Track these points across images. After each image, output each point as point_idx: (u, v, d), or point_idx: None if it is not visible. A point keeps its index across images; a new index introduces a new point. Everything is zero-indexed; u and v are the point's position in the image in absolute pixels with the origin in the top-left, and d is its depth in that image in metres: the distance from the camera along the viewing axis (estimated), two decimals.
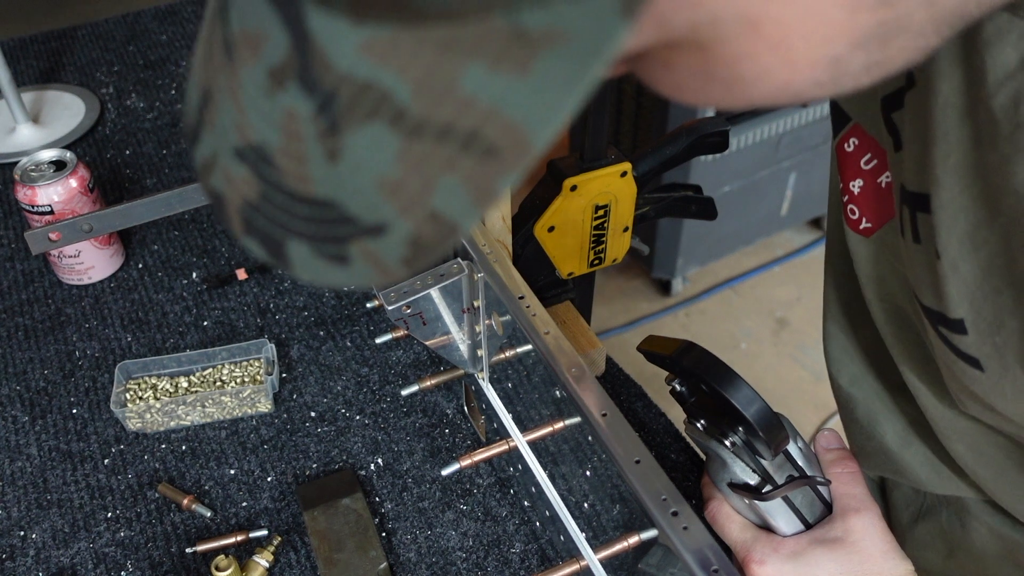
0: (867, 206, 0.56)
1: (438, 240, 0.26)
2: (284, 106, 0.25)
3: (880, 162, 0.54)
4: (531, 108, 0.23)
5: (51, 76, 1.34)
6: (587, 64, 0.22)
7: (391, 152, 0.24)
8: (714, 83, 0.29)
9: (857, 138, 0.55)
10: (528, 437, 0.67)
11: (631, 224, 0.81)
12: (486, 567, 0.71)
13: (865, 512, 0.56)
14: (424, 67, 0.23)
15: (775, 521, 0.57)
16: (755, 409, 0.53)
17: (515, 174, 0.24)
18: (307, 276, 0.28)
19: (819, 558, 0.55)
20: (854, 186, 0.56)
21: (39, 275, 0.99)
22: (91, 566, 0.71)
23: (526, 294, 0.65)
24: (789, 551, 0.56)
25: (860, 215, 0.57)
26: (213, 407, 0.81)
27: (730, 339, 2.25)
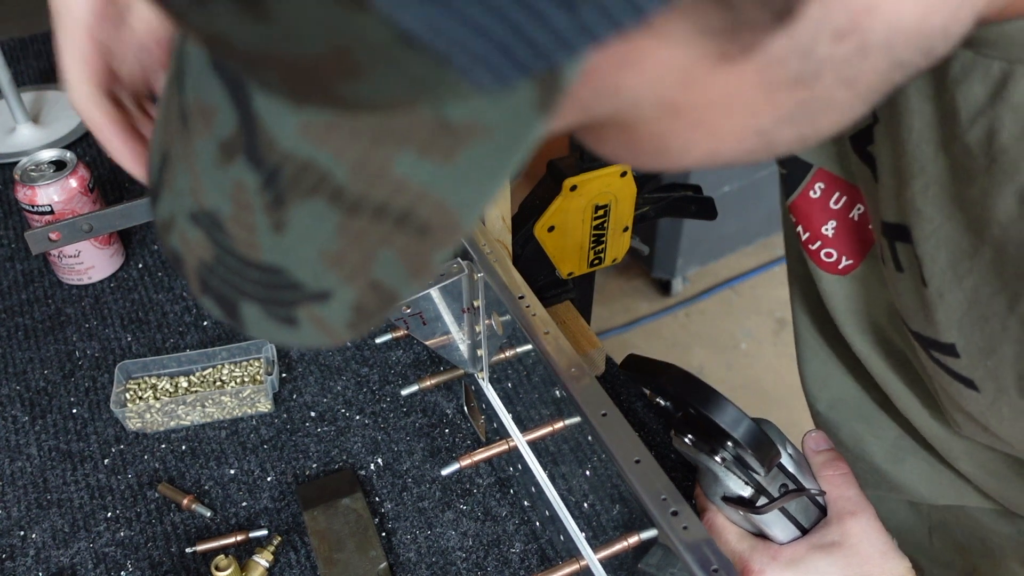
0: (844, 244, 0.56)
1: (379, 307, 0.28)
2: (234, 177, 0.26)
3: (849, 198, 0.55)
4: (458, 193, 0.24)
5: (51, 76, 1.34)
6: (507, 155, 0.23)
7: (332, 226, 0.25)
8: (643, 154, 0.30)
9: (823, 182, 0.56)
10: (528, 437, 0.67)
11: (631, 224, 0.81)
12: (486, 567, 0.71)
13: (861, 514, 0.56)
14: (359, 151, 0.24)
15: (771, 530, 0.58)
16: (743, 430, 0.53)
17: (448, 249, 0.26)
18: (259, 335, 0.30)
19: (818, 563, 0.55)
20: (827, 230, 0.57)
21: (39, 275, 0.99)
22: (91, 566, 0.71)
23: (526, 294, 0.65)
24: (787, 559, 0.56)
25: (839, 255, 0.57)
26: (213, 407, 0.81)
27: (730, 339, 2.25)
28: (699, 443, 0.57)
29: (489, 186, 0.24)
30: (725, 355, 2.20)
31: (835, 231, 0.57)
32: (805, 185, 0.57)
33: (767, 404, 2.07)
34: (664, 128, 0.28)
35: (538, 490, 0.68)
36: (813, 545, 0.56)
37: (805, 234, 0.59)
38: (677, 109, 0.27)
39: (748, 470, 0.56)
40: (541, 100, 0.22)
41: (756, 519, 0.57)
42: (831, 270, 0.59)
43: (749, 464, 0.55)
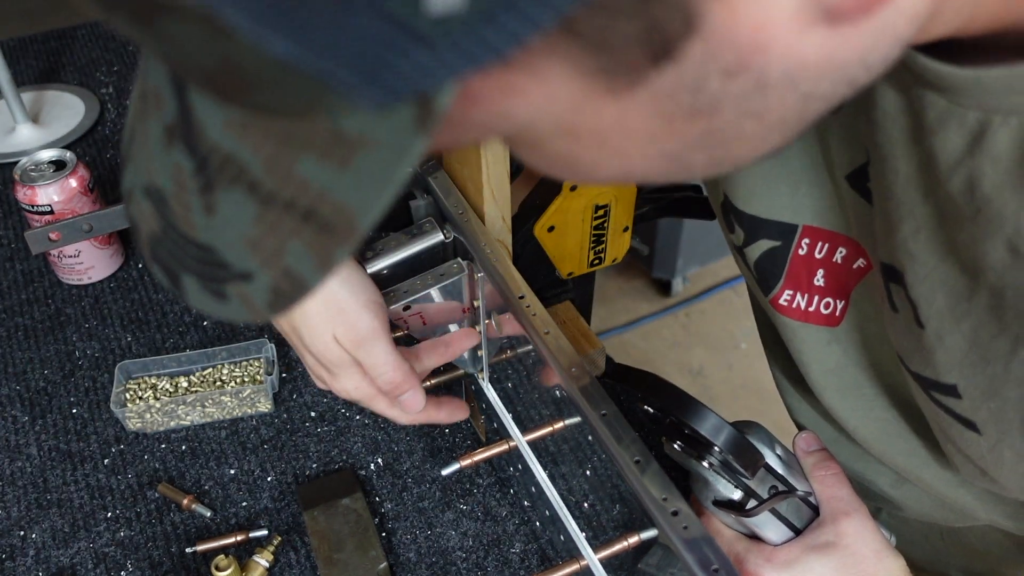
0: (834, 289, 0.56)
1: (293, 293, 0.29)
2: (174, 159, 0.29)
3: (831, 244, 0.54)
4: (354, 196, 0.26)
5: (51, 76, 1.34)
6: (395, 166, 0.25)
7: (251, 214, 0.28)
8: (555, 168, 0.31)
9: (808, 237, 0.55)
10: (528, 437, 0.67)
11: (631, 224, 0.81)
12: (486, 567, 0.71)
13: (854, 514, 0.56)
14: (270, 150, 0.26)
15: (764, 532, 0.58)
16: (724, 437, 0.53)
17: (349, 247, 0.27)
18: (198, 306, 0.32)
19: (813, 564, 0.55)
20: (818, 280, 0.56)
21: (39, 275, 0.99)
22: (91, 566, 0.71)
23: (526, 294, 0.65)
24: (782, 560, 0.56)
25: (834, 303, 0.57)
26: (213, 407, 0.81)
27: (730, 339, 2.25)
28: (687, 449, 0.58)
29: (382, 192, 0.26)
30: (725, 355, 2.20)
31: (825, 278, 0.56)
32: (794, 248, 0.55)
33: (767, 404, 2.06)
34: (567, 148, 0.29)
35: (538, 490, 0.68)
36: (807, 546, 0.56)
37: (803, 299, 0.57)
38: (575, 131, 0.28)
39: (735, 474, 0.56)
40: (420, 120, 0.24)
41: (748, 522, 0.57)
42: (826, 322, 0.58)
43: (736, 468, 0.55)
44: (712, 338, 2.25)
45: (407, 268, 0.72)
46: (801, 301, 0.58)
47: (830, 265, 0.55)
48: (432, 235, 0.72)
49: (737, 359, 2.19)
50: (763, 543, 0.58)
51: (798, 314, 0.58)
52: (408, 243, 0.72)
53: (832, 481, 0.58)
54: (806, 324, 0.58)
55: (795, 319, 0.58)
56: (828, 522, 0.56)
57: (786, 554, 0.56)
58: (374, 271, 0.71)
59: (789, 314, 0.58)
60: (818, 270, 0.56)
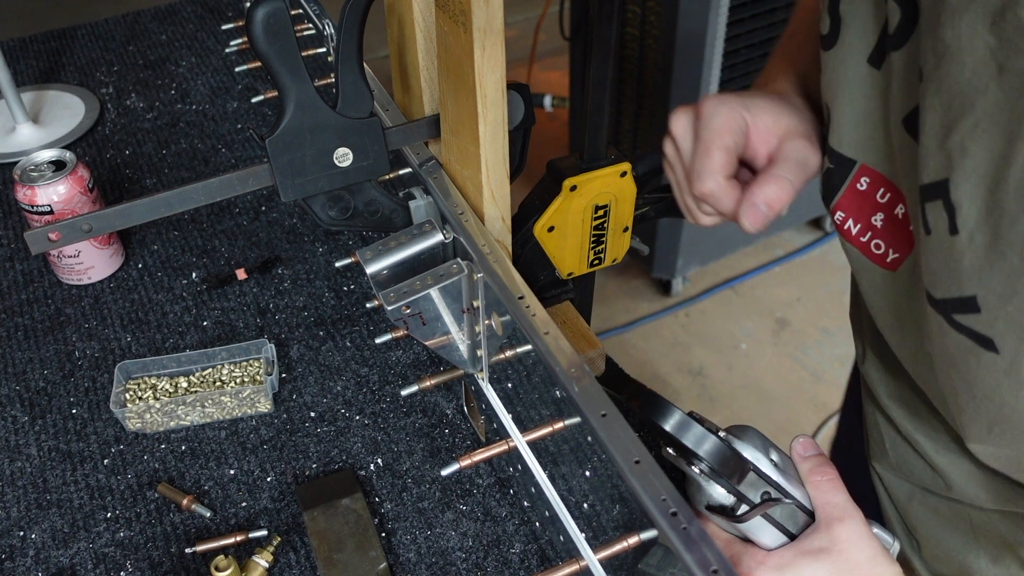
0: (891, 237, 0.58)
1: None
2: None
3: (892, 196, 0.57)
4: None
5: (51, 76, 1.34)
6: None
7: None
8: None
9: (868, 176, 0.57)
10: (528, 437, 0.67)
11: (631, 224, 0.81)
12: (486, 567, 0.71)
13: (848, 520, 0.56)
14: None
15: (758, 537, 0.58)
16: (706, 449, 0.53)
17: None
18: None
19: (806, 569, 0.55)
20: (876, 220, 0.58)
21: (39, 275, 0.99)
22: (91, 566, 0.71)
23: (526, 294, 0.65)
24: (774, 564, 0.56)
25: (886, 248, 0.59)
26: (213, 407, 0.81)
27: (730, 339, 2.25)
28: (678, 455, 0.58)
29: None
30: (725, 355, 2.20)
31: (883, 223, 0.58)
32: (851, 180, 0.59)
33: (767, 404, 2.06)
34: None
35: (538, 490, 0.68)
36: (800, 551, 0.56)
37: (856, 226, 0.60)
38: None
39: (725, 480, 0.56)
40: None
41: (740, 527, 0.57)
42: (880, 263, 0.60)
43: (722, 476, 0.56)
44: (712, 338, 2.25)
45: (407, 268, 0.72)
46: (853, 227, 0.60)
47: (891, 216, 0.57)
48: (432, 235, 0.72)
49: (737, 359, 2.19)
50: (757, 547, 0.58)
51: (852, 239, 0.61)
52: (408, 243, 0.72)
53: (828, 487, 0.58)
54: (861, 254, 0.61)
55: (850, 242, 0.61)
56: (822, 527, 0.57)
57: (779, 558, 0.56)
58: (374, 271, 0.71)
59: (844, 234, 0.62)
60: (878, 213, 0.58)
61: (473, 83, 0.63)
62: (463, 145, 0.71)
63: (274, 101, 1.22)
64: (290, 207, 1.07)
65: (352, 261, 0.93)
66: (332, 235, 1.03)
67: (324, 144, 0.71)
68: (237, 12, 1.48)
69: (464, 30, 0.61)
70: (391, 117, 0.85)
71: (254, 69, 1.30)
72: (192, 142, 1.19)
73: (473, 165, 0.70)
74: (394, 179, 0.87)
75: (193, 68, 1.35)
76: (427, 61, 0.79)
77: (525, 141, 0.79)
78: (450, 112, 0.72)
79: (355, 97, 0.71)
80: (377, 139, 0.73)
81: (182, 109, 1.26)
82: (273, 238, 1.03)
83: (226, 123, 1.23)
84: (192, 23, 1.46)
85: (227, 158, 1.16)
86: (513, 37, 3.21)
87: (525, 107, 0.77)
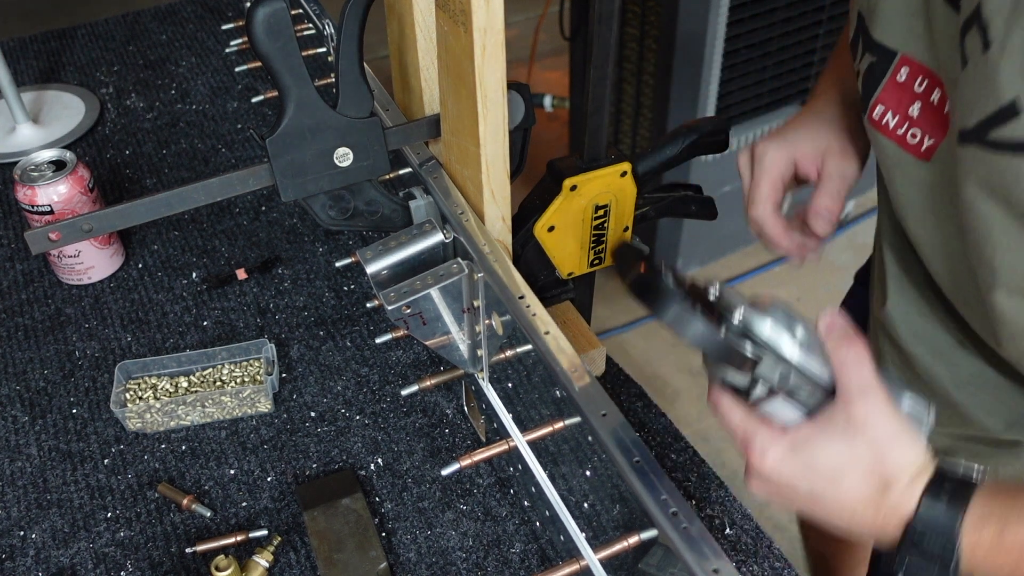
0: (926, 123, 0.61)
1: None
2: None
3: (930, 82, 0.60)
4: None
5: (51, 76, 1.34)
6: None
7: None
8: None
9: (907, 66, 0.61)
10: (528, 437, 0.67)
11: (631, 224, 0.81)
12: (486, 567, 0.71)
13: (870, 395, 0.53)
14: None
15: (774, 415, 0.54)
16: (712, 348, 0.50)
17: None
18: None
19: (822, 446, 0.52)
20: (913, 110, 0.61)
21: (39, 275, 0.99)
22: (91, 566, 0.71)
23: (526, 294, 0.65)
24: (790, 441, 0.53)
25: (922, 136, 0.61)
26: (213, 407, 0.81)
27: None
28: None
29: None
30: None
31: (920, 112, 0.61)
32: (892, 71, 0.62)
33: None
34: None
35: (538, 490, 0.68)
36: (818, 427, 0.53)
37: (894, 119, 0.63)
38: None
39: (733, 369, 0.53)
40: None
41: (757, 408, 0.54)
42: (915, 152, 0.62)
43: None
44: None
45: (407, 268, 0.72)
46: (891, 120, 0.63)
47: (927, 103, 0.60)
48: (432, 235, 0.72)
49: None
50: (773, 424, 0.55)
51: (889, 133, 0.63)
52: (408, 243, 0.72)
53: (851, 361, 0.54)
54: (898, 147, 0.63)
55: (886, 136, 0.63)
56: (842, 404, 0.53)
57: (795, 435, 0.53)
58: (374, 271, 0.71)
59: (881, 130, 0.64)
60: (916, 102, 0.61)
61: (473, 83, 0.63)
62: (463, 145, 0.71)
63: (274, 101, 1.22)
64: (290, 207, 1.07)
65: (352, 261, 0.93)
66: (332, 235, 1.03)
67: (324, 144, 0.71)
68: (237, 12, 1.48)
69: (464, 30, 0.61)
70: (391, 117, 0.85)
71: (254, 69, 1.30)
72: (192, 142, 1.19)
73: (473, 165, 0.70)
74: (394, 179, 0.87)
75: (193, 68, 1.35)
76: (427, 61, 0.79)
77: (525, 141, 0.79)
78: (450, 112, 0.72)
79: (355, 97, 0.71)
80: (377, 139, 0.74)
81: (182, 109, 1.26)
82: (273, 238, 1.03)
83: (226, 123, 1.23)
84: (192, 23, 1.46)
85: (227, 158, 1.16)
86: (513, 37, 3.21)
87: (525, 107, 0.77)
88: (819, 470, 0.53)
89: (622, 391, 0.84)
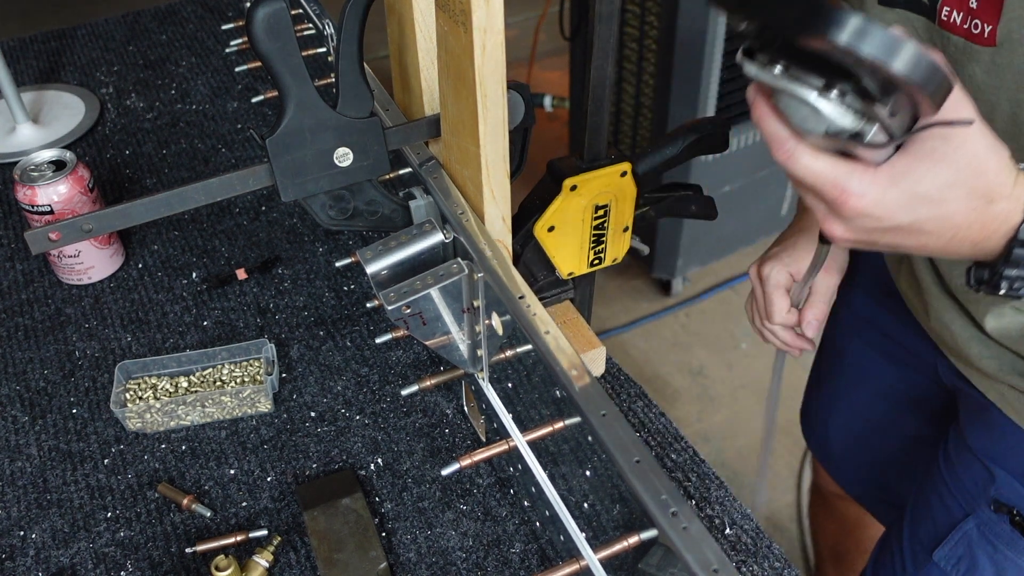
0: (983, 12, 0.62)
1: None
2: None
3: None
4: None
5: (51, 76, 1.34)
6: None
7: None
8: None
9: None
10: (528, 437, 0.67)
11: (631, 224, 0.81)
12: (486, 567, 0.71)
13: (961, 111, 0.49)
14: None
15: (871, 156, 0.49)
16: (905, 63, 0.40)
17: None
18: None
19: (922, 175, 0.49)
20: (972, 2, 0.63)
21: (39, 275, 0.99)
22: (91, 566, 0.71)
23: (526, 294, 0.65)
24: (887, 176, 0.49)
25: (982, 25, 0.62)
26: (213, 407, 0.81)
27: (730, 339, 2.25)
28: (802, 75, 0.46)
29: None
30: (725, 355, 2.20)
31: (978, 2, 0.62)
32: None
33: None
34: None
35: (538, 490, 0.68)
36: (913, 157, 0.49)
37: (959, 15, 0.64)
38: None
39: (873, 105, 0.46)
40: None
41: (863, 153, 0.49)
42: (980, 42, 0.63)
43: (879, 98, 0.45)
44: (712, 338, 2.25)
45: (407, 268, 0.72)
46: (957, 16, 0.64)
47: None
48: (432, 235, 0.72)
49: (737, 359, 2.19)
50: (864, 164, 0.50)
51: (957, 29, 0.64)
52: (408, 243, 0.72)
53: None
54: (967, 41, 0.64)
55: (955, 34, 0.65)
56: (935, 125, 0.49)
57: (890, 169, 0.49)
58: (374, 271, 0.71)
59: (950, 28, 0.65)
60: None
61: (473, 83, 0.63)
62: (463, 145, 0.71)
63: (274, 101, 1.22)
64: (290, 207, 1.07)
65: (352, 261, 0.93)
66: (332, 235, 1.03)
67: (324, 144, 0.71)
68: (237, 12, 1.48)
69: (464, 30, 0.61)
70: (391, 117, 0.85)
71: (254, 69, 1.30)
72: (192, 142, 1.19)
73: (473, 165, 0.70)
74: (394, 179, 0.87)
75: (193, 68, 1.35)
76: (427, 61, 0.79)
77: (525, 141, 0.79)
78: (450, 112, 0.72)
79: (355, 97, 0.71)
80: (377, 139, 0.74)
81: (182, 109, 1.26)
82: (273, 238, 1.03)
83: (226, 123, 1.23)
84: (192, 23, 1.46)
85: (227, 158, 1.16)
86: (513, 37, 3.21)
87: (525, 107, 0.77)
88: (924, 196, 0.50)
89: (622, 391, 0.84)
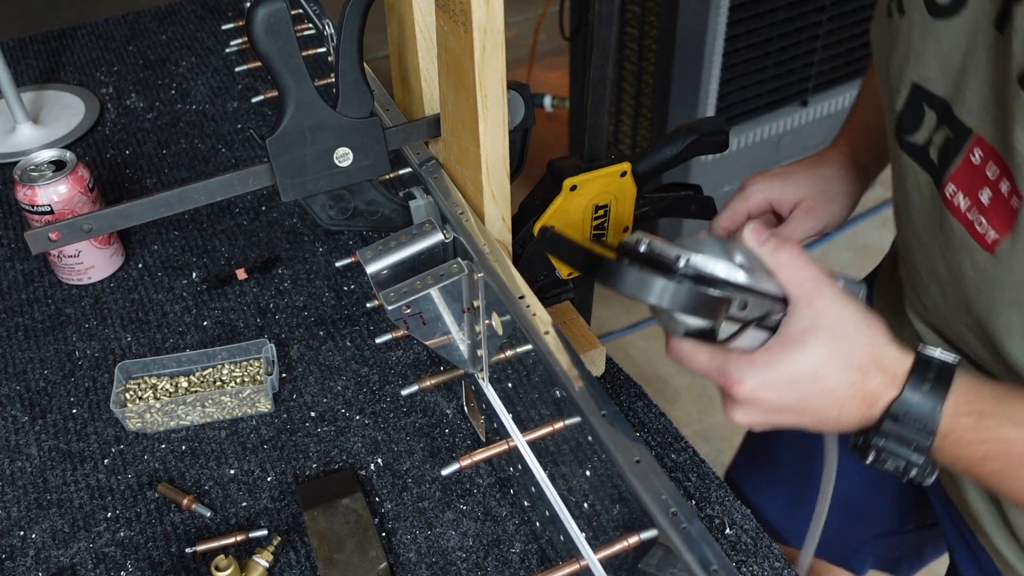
0: (993, 215, 0.56)
1: None
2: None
3: (1001, 172, 0.55)
4: None
5: (51, 76, 1.34)
6: None
7: None
8: None
9: (981, 149, 0.57)
10: (528, 437, 0.67)
11: (631, 224, 0.81)
12: (486, 567, 0.71)
13: (823, 290, 0.53)
14: None
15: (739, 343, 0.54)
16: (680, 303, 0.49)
17: None
18: None
19: (796, 356, 0.52)
20: (983, 196, 0.57)
21: (39, 275, 0.99)
22: (91, 566, 0.71)
23: (526, 294, 0.65)
24: (764, 361, 0.53)
25: (987, 226, 0.57)
26: (213, 407, 0.81)
27: None
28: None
29: None
30: None
31: (989, 200, 0.57)
32: (966, 151, 0.58)
33: None
34: None
35: (538, 490, 0.68)
36: (785, 340, 0.53)
37: (965, 201, 0.59)
38: None
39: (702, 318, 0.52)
40: None
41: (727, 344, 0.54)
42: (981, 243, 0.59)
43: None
44: None
45: (407, 268, 0.72)
46: (963, 202, 0.59)
47: (997, 193, 0.56)
48: (432, 235, 0.72)
49: None
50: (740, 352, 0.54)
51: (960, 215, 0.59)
52: (408, 243, 0.72)
53: (795, 264, 0.54)
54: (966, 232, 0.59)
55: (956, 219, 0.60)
56: (800, 307, 0.53)
57: (766, 355, 0.53)
58: (374, 271, 0.71)
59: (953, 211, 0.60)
60: (986, 188, 0.57)
61: (473, 83, 0.64)
62: (463, 145, 0.71)
63: (274, 101, 1.22)
64: (290, 207, 1.07)
65: (352, 261, 0.93)
66: (332, 235, 1.03)
67: (324, 144, 0.71)
68: (237, 12, 1.48)
69: (464, 30, 0.61)
70: (391, 117, 0.85)
71: (254, 69, 1.30)
72: (192, 142, 1.19)
73: (473, 165, 0.70)
74: (394, 179, 0.87)
75: (193, 68, 1.35)
76: (427, 61, 0.79)
77: (525, 141, 0.79)
78: (450, 112, 0.72)
79: (355, 97, 0.71)
80: (377, 139, 0.74)
81: (182, 109, 1.26)
82: (273, 238, 1.03)
83: (226, 123, 1.23)
84: (192, 23, 1.46)
85: (227, 158, 1.16)
86: (513, 37, 3.21)
87: (525, 107, 0.77)
88: (804, 373, 0.52)
89: (622, 391, 0.84)
